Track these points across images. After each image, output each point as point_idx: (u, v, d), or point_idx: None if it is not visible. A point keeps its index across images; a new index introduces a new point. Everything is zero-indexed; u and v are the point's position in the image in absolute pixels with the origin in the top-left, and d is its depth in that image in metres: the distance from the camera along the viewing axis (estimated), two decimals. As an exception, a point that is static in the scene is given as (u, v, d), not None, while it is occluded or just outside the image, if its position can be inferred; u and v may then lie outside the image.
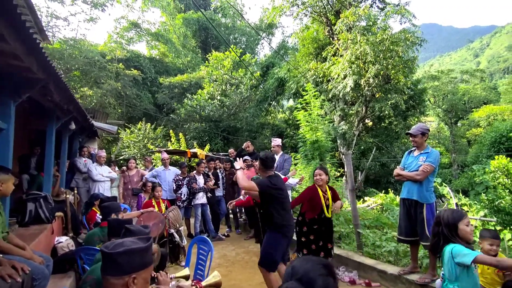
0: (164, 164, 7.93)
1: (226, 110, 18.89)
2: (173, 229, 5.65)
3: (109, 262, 1.57)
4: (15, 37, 2.47)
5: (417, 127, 4.33)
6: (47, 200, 4.70)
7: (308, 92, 8.62)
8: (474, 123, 32.52)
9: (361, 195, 15.88)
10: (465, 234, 2.57)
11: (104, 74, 20.25)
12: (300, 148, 8.72)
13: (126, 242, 1.63)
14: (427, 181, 4.14)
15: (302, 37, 19.06)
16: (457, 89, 34.34)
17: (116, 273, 1.55)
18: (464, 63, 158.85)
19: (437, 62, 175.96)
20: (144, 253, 1.64)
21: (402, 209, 4.35)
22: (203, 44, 30.45)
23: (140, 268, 1.60)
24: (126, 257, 1.56)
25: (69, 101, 4.63)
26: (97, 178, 7.29)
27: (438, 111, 34.21)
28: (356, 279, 4.83)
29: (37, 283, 2.78)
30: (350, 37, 14.66)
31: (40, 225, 4.44)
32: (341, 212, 7.36)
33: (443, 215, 2.69)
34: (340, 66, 14.78)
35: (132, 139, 17.13)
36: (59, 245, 4.75)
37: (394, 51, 14.20)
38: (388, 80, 15.49)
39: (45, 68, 3.11)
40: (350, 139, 16.03)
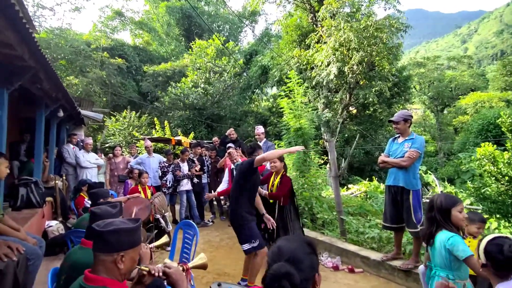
0: (148, 152, 7.98)
1: (209, 98, 18.87)
2: (159, 214, 5.78)
3: (99, 239, 1.67)
4: (8, 27, 2.54)
5: (399, 113, 4.28)
6: (38, 185, 4.87)
7: (291, 79, 8.60)
8: (461, 111, 32.03)
9: (345, 183, 15.96)
10: (457, 220, 2.53)
11: (89, 63, 20.33)
12: (283, 135, 8.65)
13: (116, 222, 1.72)
14: (413, 168, 4.09)
15: (285, 25, 18.94)
16: (443, 76, 33.88)
17: (105, 250, 1.65)
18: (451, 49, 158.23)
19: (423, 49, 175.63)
20: (133, 233, 1.73)
21: (388, 196, 4.31)
22: (186, 32, 30.19)
23: (128, 247, 1.69)
24: (115, 236, 1.65)
25: (58, 89, 4.75)
26: (84, 165, 7.46)
27: (424, 98, 33.98)
28: (339, 265, 4.86)
29: (31, 263, 2.95)
30: (334, 24, 14.51)
31: (31, 209, 4.62)
32: (325, 199, 7.46)
33: (436, 199, 2.64)
34: (324, 53, 14.67)
35: (118, 127, 17.09)
36: (49, 229, 4.92)
37: (378, 37, 14.07)
38: (372, 67, 15.44)
39: (36, 57, 3.23)
40: (334, 126, 16.01)
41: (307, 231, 5.98)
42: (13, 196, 4.61)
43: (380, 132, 19.64)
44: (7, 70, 3.37)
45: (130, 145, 10.24)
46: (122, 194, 7.23)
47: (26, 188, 4.72)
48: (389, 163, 4.25)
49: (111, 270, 1.66)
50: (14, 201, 4.58)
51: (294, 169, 7.89)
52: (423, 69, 32.92)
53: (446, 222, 2.53)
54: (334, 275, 4.66)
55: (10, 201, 4.59)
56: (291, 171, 8.12)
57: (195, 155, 8.02)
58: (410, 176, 4.08)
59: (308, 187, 7.12)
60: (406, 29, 15.01)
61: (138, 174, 6.38)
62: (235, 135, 8.10)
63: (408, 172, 4.08)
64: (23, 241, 3.04)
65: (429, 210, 2.66)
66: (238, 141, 8.02)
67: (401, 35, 15.23)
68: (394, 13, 15.53)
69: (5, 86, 3.44)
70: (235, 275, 4.59)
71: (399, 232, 4.36)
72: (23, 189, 4.69)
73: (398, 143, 4.29)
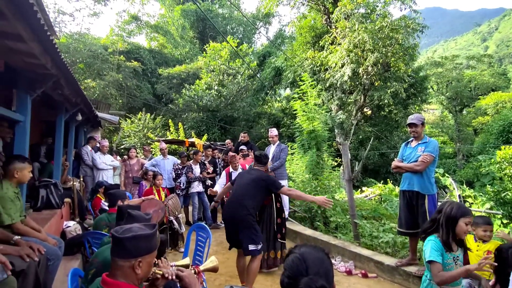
0: (163, 154, 8.05)
1: (223, 100, 18.95)
2: (172, 216, 5.82)
3: (118, 245, 1.71)
4: (32, 38, 2.63)
5: (416, 117, 4.23)
6: (57, 187, 5.02)
7: (305, 82, 8.53)
8: (481, 111, 30.93)
9: (359, 185, 15.83)
10: (461, 231, 2.50)
11: (106, 66, 20.74)
12: (297, 137, 8.69)
13: (134, 228, 1.75)
14: (428, 172, 4.04)
15: (299, 26, 18.90)
16: (462, 75, 32.50)
17: (124, 256, 1.69)
18: (471, 48, 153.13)
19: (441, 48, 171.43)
20: (150, 239, 1.77)
21: (402, 201, 4.26)
22: (200, 35, 30.41)
23: (146, 252, 1.73)
24: (134, 242, 1.69)
25: (77, 94, 4.90)
26: (101, 167, 7.63)
27: (442, 98, 33.03)
28: (352, 270, 4.82)
29: (51, 263, 3.07)
30: (348, 25, 14.41)
31: (51, 210, 4.76)
32: (338, 202, 7.36)
33: (448, 206, 2.60)
34: (338, 54, 14.57)
35: (133, 129, 17.40)
36: (67, 229, 5.06)
37: (394, 38, 13.90)
38: (387, 68, 15.22)
39: (58, 65, 3.34)
40: (348, 128, 15.93)
41: (320, 235, 6.00)
42: (33, 197, 4.76)
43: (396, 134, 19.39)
44: (30, 77, 3.51)
45: (143, 147, 10.38)
46: (137, 195, 7.35)
47: (46, 190, 4.87)
48: (402, 168, 4.21)
49: (129, 275, 1.71)
50: (34, 202, 4.74)
51: (307, 172, 7.91)
52: (440, 68, 31.76)
53: (446, 228, 2.52)
54: (347, 279, 4.64)
55: (31, 201, 4.74)
56: (304, 173, 8.14)
57: (206, 157, 8.11)
58: (425, 181, 4.04)
59: (321, 190, 7.10)
60: (422, 29, 14.82)
61: (153, 176, 6.48)
62: (246, 138, 8.16)
63: (422, 176, 4.04)
64: (44, 242, 3.15)
65: (438, 212, 2.64)
66: (250, 144, 8.08)
67: (417, 35, 15.03)
68: (410, 13, 15.23)
69: (29, 93, 3.58)
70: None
71: (414, 238, 4.27)
72: (43, 191, 4.85)
73: (412, 147, 4.26)
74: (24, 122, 3.58)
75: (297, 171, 8.63)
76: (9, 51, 2.81)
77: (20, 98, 3.56)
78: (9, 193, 3.07)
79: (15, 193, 3.18)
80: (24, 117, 3.55)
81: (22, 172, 3.22)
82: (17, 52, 2.83)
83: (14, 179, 3.18)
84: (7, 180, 3.15)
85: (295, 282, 1.33)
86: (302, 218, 7.16)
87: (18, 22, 2.32)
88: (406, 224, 4.22)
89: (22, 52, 2.83)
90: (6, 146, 5.20)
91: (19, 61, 3.13)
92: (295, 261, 1.39)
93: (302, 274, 1.33)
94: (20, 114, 3.53)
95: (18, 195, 3.23)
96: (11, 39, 2.54)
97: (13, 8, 2.20)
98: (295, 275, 1.35)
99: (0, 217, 2.95)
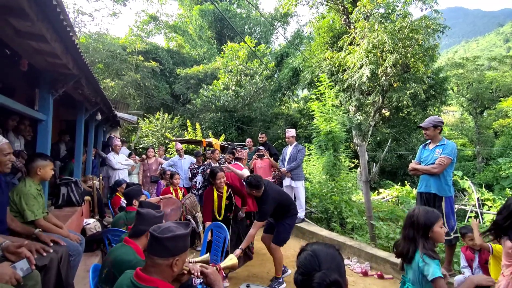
0: (179, 154, 8.16)
1: (240, 101, 18.97)
2: (190, 215, 5.91)
3: (157, 244, 1.75)
4: (55, 38, 2.69)
5: (429, 119, 4.22)
6: (78, 185, 5.14)
7: (322, 83, 8.53)
8: (502, 113, 29.57)
9: (376, 187, 15.73)
10: (439, 236, 2.41)
11: (124, 66, 21.07)
12: (314, 138, 8.69)
13: (172, 228, 1.80)
14: (445, 174, 4.02)
15: (317, 26, 18.77)
16: (483, 77, 31.31)
17: (163, 255, 1.74)
18: (493, 48, 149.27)
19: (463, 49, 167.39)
20: (186, 238, 1.83)
21: (420, 203, 4.23)
22: (218, 35, 30.59)
23: (183, 251, 1.80)
24: (173, 242, 1.75)
25: (97, 94, 5.00)
26: (117, 167, 7.73)
27: (462, 100, 32.22)
28: (368, 270, 4.83)
29: (72, 259, 3.14)
30: (368, 26, 14.27)
31: (71, 207, 4.88)
32: (355, 204, 7.35)
33: (416, 216, 2.46)
34: (357, 55, 14.45)
35: (151, 128, 17.67)
36: (87, 226, 5.16)
37: (413, 39, 13.70)
38: (407, 69, 15.04)
39: (80, 65, 3.43)
40: (366, 129, 15.77)
41: (336, 235, 5.97)
42: (54, 194, 4.89)
43: (414, 136, 19.07)
44: (53, 77, 3.60)
45: (159, 147, 10.46)
46: (155, 194, 7.47)
47: (67, 188, 4.99)
48: (420, 171, 4.19)
49: (165, 272, 1.77)
50: (56, 199, 4.86)
51: (324, 173, 7.88)
52: (461, 70, 31.01)
53: (424, 240, 2.40)
54: (363, 280, 4.62)
55: (52, 199, 4.86)
56: (321, 174, 8.10)
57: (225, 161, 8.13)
58: (442, 183, 4.01)
59: (338, 191, 7.08)
60: (443, 30, 14.57)
61: (170, 175, 6.55)
62: (264, 139, 8.17)
63: (440, 178, 4.01)
64: (66, 238, 3.23)
65: (409, 226, 2.49)
66: (267, 144, 8.08)
67: (438, 36, 14.79)
68: (431, 13, 14.95)
69: (51, 93, 3.67)
70: (263, 276, 4.66)
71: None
72: (64, 188, 4.96)
73: (429, 149, 4.23)
74: (46, 121, 3.67)
75: (314, 172, 8.59)
76: (33, 51, 2.89)
77: (42, 98, 3.66)
78: (32, 190, 3.15)
79: (38, 190, 3.25)
80: (46, 116, 3.64)
81: (45, 169, 3.29)
82: (40, 52, 2.91)
83: (37, 176, 3.25)
84: (30, 177, 3.23)
85: (308, 278, 1.37)
86: (318, 219, 7.14)
87: (42, 23, 2.38)
88: None
89: (45, 52, 2.91)
90: (27, 144, 5.36)
91: (41, 61, 3.22)
92: (307, 257, 1.44)
93: (315, 269, 1.37)
94: (42, 113, 3.62)
95: (40, 192, 3.31)
96: (35, 39, 2.61)
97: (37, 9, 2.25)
98: (308, 271, 1.39)
99: (24, 214, 3.04)
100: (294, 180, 6.60)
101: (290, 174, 6.61)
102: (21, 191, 3.08)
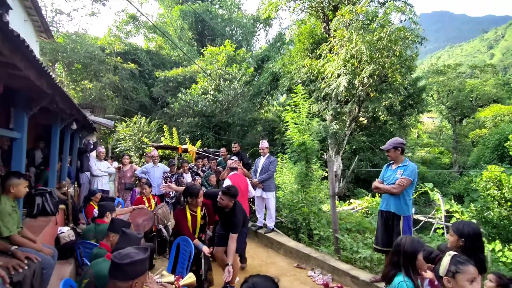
0: (154, 161, 8.12)
1: (218, 105, 19.00)
2: (162, 224, 6.04)
3: (117, 269, 1.96)
4: (28, 67, 2.80)
5: (389, 142, 4.44)
6: (52, 195, 5.23)
7: (297, 94, 8.65)
8: (479, 123, 29.91)
9: (350, 195, 16.01)
10: (421, 265, 2.58)
11: (103, 68, 20.95)
12: (287, 149, 8.82)
13: (131, 254, 2.00)
14: (405, 194, 4.24)
15: (298, 32, 18.83)
16: (464, 85, 31.18)
17: (123, 279, 1.94)
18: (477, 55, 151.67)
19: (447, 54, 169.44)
20: (145, 262, 2.04)
21: (380, 220, 4.49)
22: (199, 36, 30.49)
23: (141, 274, 2.01)
24: (132, 267, 1.95)
25: (71, 107, 5.11)
26: (95, 173, 7.80)
27: (442, 108, 32.41)
28: (329, 282, 5.01)
29: (45, 271, 3.32)
30: (346, 35, 14.30)
31: (46, 217, 4.97)
32: (324, 214, 7.51)
33: (403, 244, 2.63)
34: (335, 64, 14.50)
35: (128, 132, 17.59)
36: (61, 235, 5.28)
37: (391, 49, 13.73)
38: (384, 79, 15.15)
39: (53, 86, 3.57)
40: (341, 139, 15.95)
41: (302, 247, 6.19)
42: (30, 204, 4.99)
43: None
44: (28, 97, 3.73)
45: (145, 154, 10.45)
46: (129, 201, 7.58)
47: (42, 198, 5.08)
48: (381, 189, 4.44)
49: None
50: (30, 208, 4.95)
51: (296, 183, 8.10)
52: (442, 77, 31.05)
53: (408, 266, 2.57)
54: (323, 292, 4.85)
55: (27, 208, 4.95)
56: (293, 184, 8.31)
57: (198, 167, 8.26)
58: (402, 202, 4.26)
59: (308, 203, 7.26)
60: (421, 41, 14.79)
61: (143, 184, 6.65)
62: (238, 148, 8.33)
63: (399, 198, 4.26)
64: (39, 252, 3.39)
65: (396, 253, 2.67)
66: (240, 154, 8.24)
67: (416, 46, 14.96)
68: (409, 23, 14.92)
69: (25, 111, 3.78)
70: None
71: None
72: (39, 199, 5.05)
73: (392, 169, 4.47)
74: (21, 139, 3.78)
75: (286, 182, 8.80)
76: (8, 76, 3.04)
77: (17, 116, 3.77)
78: (7, 207, 3.27)
79: (13, 207, 3.38)
80: (21, 134, 3.75)
81: (18, 187, 3.43)
82: (15, 77, 3.06)
83: (11, 193, 3.39)
84: (4, 194, 3.36)
85: None
86: (288, 229, 7.35)
87: (16, 55, 2.56)
88: (382, 242, 4.43)
89: (20, 76, 3.05)
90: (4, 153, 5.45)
91: (16, 83, 3.36)
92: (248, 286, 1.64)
93: None
94: (17, 132, 3.73)
95: (15, 209, 3.44)
96: (10, 67, 2.77)
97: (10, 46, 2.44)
98: None
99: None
100: (265, 191, 6.77)
101: (262, 185, 6.81)
102: (-4, 208, 3.22)
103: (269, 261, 6.14)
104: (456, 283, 2.22)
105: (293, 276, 5.46)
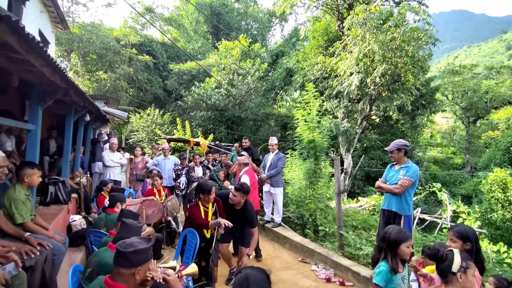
0: (164, 154, 8.26)
1: (232, 100, 19.02)
2: (171, 216, 6.26)
3: (121, 257, 2.08)
4: (43, 65, 2.95)
5: (393, 143, 4.59)
6: (65, 184, 5.43)
7: (308, 92, 8.71)
8: (492, 125, 29.98)
9: (359, 192, 16.13)
10: (404, 254, 2.75)
11: (118, 59, 21.14)
12: (296, 146, 8.93)
13: (135, 243, 2.14)
14: (406, 194, 4.38)
15: (312, 29, 18.72)
16: (479, 86, 30.61)
17: (126, 266, 2.07)
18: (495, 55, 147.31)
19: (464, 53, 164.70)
20: (147, 251, 2.18)
21: (382, 218, 4.62)
22: (214, 30, 30.51)
23: (144, 262, 2.14)
24: (135, 255, 2.08)
25: (85, 100, 5.27)
26: (108, 164, 8.01)
27: (456, 108, 32.03)
28: (331, 277, 5.19)
29: (56, 258, 3.49)
30: (360, 34, 14.15)
31: (58, 205, 5.17)
32: (331, 211, 7.60)
33: (389, 232, 2.82)
34: (347, 62, 14.44)
35: (141, 124, 17.82)
36: (73, 223, 5.48)
37: (404, 50, 13.59)
38: (397, 79, 15.02)
39: (67, 81, 3.72)
40: (351, 137, 15.90)
41: (308, 242, 6.32)
42: (43, 192, 5.18)
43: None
44: (42, 91, 3.87)
45: (152, 146, 10.63)
46: (140, 192, 7.76)
47: (55, 187, 5.28)
48: (384, 189, 4.57)
49: (129, 281, 2.09)
50: (44, 196, 5.16)
51: (304, 179, 8.16)
52: (458, 77, 30.63)
53: (391, 254, 2.77)
54: (325, 286, 5.01)
55: (40, 196, 5.16)
56: (302, 180, 8.37)
57: (208, 161, 8.37)
58: (403, 202, 4.38)
59: (315, 199, 7.34)
60: (435, 42, 14.75)
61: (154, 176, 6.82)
62: (248, 144, 8.42)
63: (401, 198, 4.38)
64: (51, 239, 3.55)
65: (382, 240, 2.89)
66: (250, 149, 8.32)
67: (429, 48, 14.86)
68: (423, 24, 14.84)
69: (40, 104, 3.94)
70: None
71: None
72: (52, 187, 5.25)
73: (395, 170, 4.59)
74: (35, 131, 3.94)
75: (295, 178, 8.88)
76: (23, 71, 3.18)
77: (32, 109, 3.93)
78: (21, 195, 3.46)
79: (26, 195, 3.56)
80: (35, 126, 3.91)
81: (32, 177, 3.60)
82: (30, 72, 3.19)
83: (25, 183, 3.56)
84: (19, 183, 3.53)
85: None
86: (295, 224, 7.46)
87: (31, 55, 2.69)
88: None
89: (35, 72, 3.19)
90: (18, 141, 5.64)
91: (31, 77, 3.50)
92: (240, 279, 1.76)
93: None
94: (32, 123, 3.90)
95: (29, 197, 3.62)
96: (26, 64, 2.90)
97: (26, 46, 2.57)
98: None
99: (13, 217, 3.36)
100: (273, 187, 6.89)
101: (270, 181, 6.91)
102: (11, 197, 3.38)
103: (275, 255, 6.31)
104: (466, 278, 2.35)
105: (297, 270, 5.61)
